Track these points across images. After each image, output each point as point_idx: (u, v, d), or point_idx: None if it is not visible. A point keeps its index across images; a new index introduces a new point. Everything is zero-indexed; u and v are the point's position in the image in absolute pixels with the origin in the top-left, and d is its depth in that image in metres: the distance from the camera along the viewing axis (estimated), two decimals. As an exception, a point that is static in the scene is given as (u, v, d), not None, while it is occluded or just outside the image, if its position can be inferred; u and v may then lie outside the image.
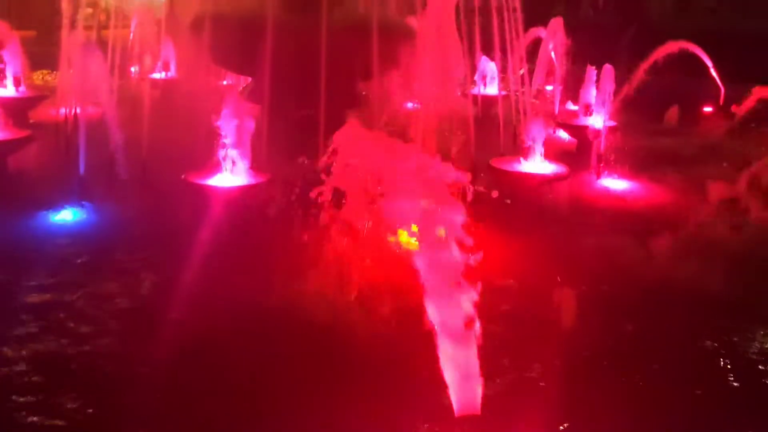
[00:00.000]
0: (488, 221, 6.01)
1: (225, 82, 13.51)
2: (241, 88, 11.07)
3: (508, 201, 7.77)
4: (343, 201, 5.02)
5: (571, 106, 12.78)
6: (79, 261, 6.07)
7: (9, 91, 11.21)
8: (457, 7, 11.63)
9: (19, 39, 12.26)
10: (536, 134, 8.56)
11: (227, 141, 7.31)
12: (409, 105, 11.91)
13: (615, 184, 9.48)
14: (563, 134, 11.72)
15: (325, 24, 8.79)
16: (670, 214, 8.11)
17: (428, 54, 9.75)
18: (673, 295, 5.75)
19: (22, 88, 11.53)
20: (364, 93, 10.95)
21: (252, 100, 9.43)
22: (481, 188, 7.08)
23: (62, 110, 10.15)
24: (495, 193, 6.87)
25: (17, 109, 10.46)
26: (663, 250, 6.56)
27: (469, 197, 4.36)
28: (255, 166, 7.46)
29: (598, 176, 9.60)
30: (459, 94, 12.34)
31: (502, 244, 6.48)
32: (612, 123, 10.43)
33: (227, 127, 7.26)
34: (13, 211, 6.92)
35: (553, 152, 9.07)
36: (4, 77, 11.38)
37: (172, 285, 5.37)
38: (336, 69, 8.88)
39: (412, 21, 10.84)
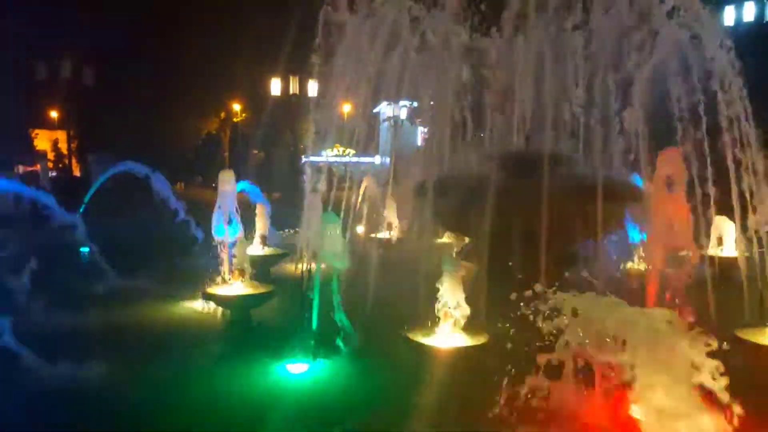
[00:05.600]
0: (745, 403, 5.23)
1: (442, 241, 14.02)
2: (460, 247, 11.41)
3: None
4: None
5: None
6: (311, 416, 6.30)
7: (256, 248, 12.62)
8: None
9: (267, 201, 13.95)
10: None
11: (445, 299, 7.43)
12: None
13: None
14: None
15: (545, 187, 8.86)
16: None
17: (657, 214, 9.29)
18: None
19: (267, 246, 12.94)
20: (584, 253, 10.66)
21: (470, 260, 9.60)
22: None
23: (299, 267, 11.11)
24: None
25: (262, 265, 11.68)
26: None
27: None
28: (473, 326, 7.44)
29: None
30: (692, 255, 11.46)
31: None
32: None
33: (447, 285, 7.42)
34: (253, 362, 7.48)
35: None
36: (253, 236, 12.90)
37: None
38: (556, 229, 8.81)
39: (638, 179, 10.56)
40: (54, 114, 53.50)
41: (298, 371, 7.27)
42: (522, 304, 6.13)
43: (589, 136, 10.53)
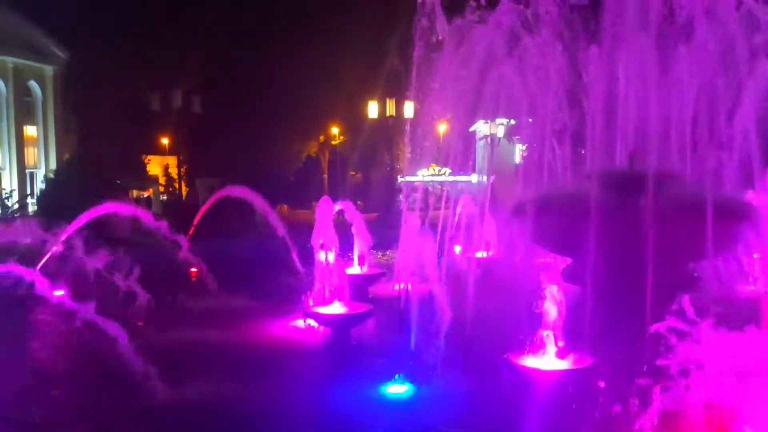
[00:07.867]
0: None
1: (543, 261, 13.68)
2: (561, 268, 11.07)
3: None
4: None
5: None
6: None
7: (355, 269, 12.78)
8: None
9: (365, 221, 14.12)
10: None
11: (549, 322, 7.26)
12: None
13: None
14: None
15: (652, 206, 8.52)
16: None
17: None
18: None
19: (365, 267, 13.07)
20: (695, 274, 10.12)
21: (572, 281, 9.33)
22: None
23: (396, 286, 11.19)
24: None
25: (360, 286, 11.83)
26: None
27: None
28: (579, 349, 7.22)
29: None
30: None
31: None
32: None
33: (549, 307, 7.25)
34: (352, 379, 7.58)
35: None
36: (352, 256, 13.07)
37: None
38: (665, 249, 8.43)
39: (751, 198, 9.96)
40: (165, 140, 56.58)
41: (397, 393, 7.28)
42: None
43: (698, 152, 10.06)
